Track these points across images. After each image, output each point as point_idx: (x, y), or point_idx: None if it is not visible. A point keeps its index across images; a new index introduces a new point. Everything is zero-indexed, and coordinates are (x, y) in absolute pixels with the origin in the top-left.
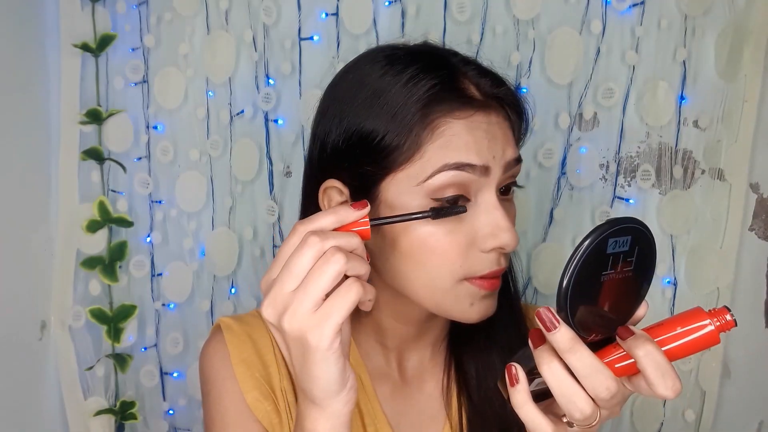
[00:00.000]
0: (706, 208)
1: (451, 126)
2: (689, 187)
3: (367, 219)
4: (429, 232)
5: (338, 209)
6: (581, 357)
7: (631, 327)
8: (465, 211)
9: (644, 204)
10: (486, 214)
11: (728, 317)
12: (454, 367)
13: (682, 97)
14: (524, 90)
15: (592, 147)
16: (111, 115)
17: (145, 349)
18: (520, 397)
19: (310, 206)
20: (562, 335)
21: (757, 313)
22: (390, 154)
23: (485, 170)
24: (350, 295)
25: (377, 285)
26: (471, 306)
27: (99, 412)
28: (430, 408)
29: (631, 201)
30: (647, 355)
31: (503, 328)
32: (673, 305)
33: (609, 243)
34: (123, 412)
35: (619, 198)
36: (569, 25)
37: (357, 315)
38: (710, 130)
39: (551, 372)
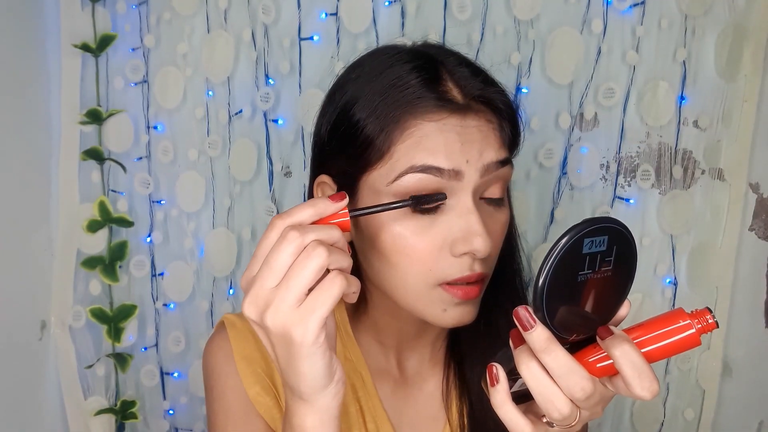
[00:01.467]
0: (706, 208)
1: (421, 127)
2: (689, 187)
3: (347, 210)
4: (399, 232)
5: (316, 201)
6: (556, 357)
7: (611, 327)
8: (445, 198)
9: (644, 204)
10: (459, 217)
11: (710, 319)
12: (455, 369)
13: (682, 97)
14: (525, 90)
15: (593, 147)
16: (111, 115)
17: (146, 348)
18: (500, 397)
19: None
20: (538, 335)
21: (757, 313)
22: (365, 151)
23: (456, 174)
24: (334, 288)
25: (369, 282)
26: (444, 312)
27: (99, 412)
28: (431, 408)
29: (631, 201)
30: (624, 354)
31: (508, 335)
32: (674, 305)
33: (585, 243)
34: (123, 411)
35: (620, 198)
36: (570, 25)
37: (356, 313)
38: (710, 130)
39: (530, 372)
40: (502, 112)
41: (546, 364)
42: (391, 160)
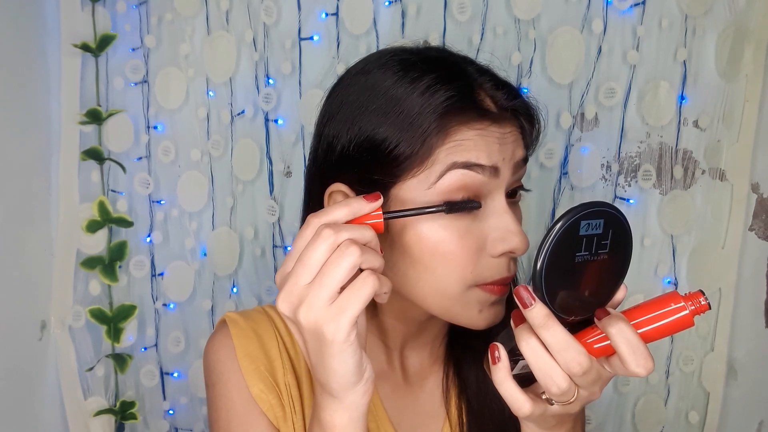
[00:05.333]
0: (707, 209)
1: (464, 133)
2: (690, 187)
3: (381, 212)
4: (440, 237)
5: (351, 201)
6: (554, 333)
7: (608, 308)
8: (479, 206)
9: (645, 204)
10: (496, 217)
11: (702, 301)
12: (454, 367)
13: (682, 97)
14: (526, 90)
15: (593, 147)
16: (111, 115)
17: (145, 349)
18: (501, 374)
19: (314, 207)
20: (538, 312)
21: (757, 313)
22: (402, 163)
23: (495, 171)
24: (366, 287)
25: None
26: (480, 312)
27: (99, 412)
28: (430, 406)
29: (631, 201)
30: (619, 332)
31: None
32: None
33: (581, 225)
34: (123, 412)
35: (620, 198)
36: (570, 25)
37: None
38: (710, 130)
39: (529, 347)
40: (528, 119)
41: (545, 340)
42: (432, 165)
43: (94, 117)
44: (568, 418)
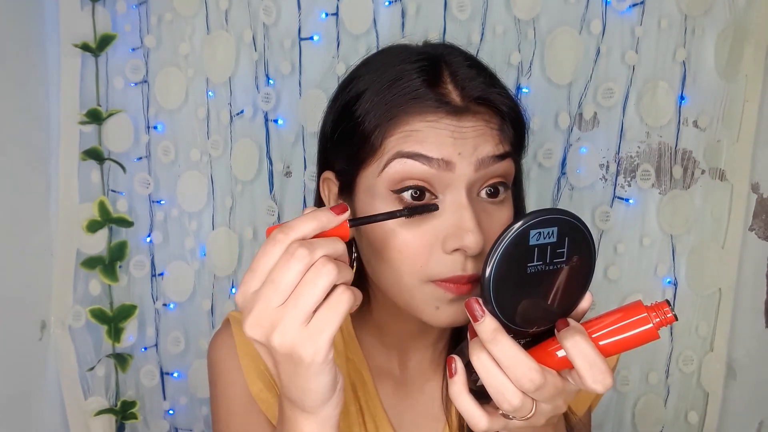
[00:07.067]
0: (707, 208)
1: (413, 125)
2: (689, 187)
3: (347, 221)
4: (391, 229)
5: (318, 214)
6: (503, 348)
7: (569, 319)
8: (438, 209)
9: (644, 204)
10: (451, 213)
11: (668, 313)
12: None
13: (681, 97)
14: (525, 90)
15: (592, 147)
16: (111, 115)
17: (146, 348)
18: (456, 388)
19: (321, 201)
20: (486, 326)
21: (757, 313)
22: (361, 148)
23: (447, 165)
24: (342, 305)
25: (371, 282)
26: (437, 309)
27: (99, 412)
28: (431, 409)
29: (630, 201)
30: (575, 346)
31: None
32: (674, 306)
33: (531, 235)
34: (123, 411)
35: (619, 198)
36: (569, 25)
37: (359, 313)
38: (710, 130)
39: (480, 362)
40: (503, 113)
41: (494, 355)
42: (383, 155)
43: (94, 117)
44: (545, 429)
